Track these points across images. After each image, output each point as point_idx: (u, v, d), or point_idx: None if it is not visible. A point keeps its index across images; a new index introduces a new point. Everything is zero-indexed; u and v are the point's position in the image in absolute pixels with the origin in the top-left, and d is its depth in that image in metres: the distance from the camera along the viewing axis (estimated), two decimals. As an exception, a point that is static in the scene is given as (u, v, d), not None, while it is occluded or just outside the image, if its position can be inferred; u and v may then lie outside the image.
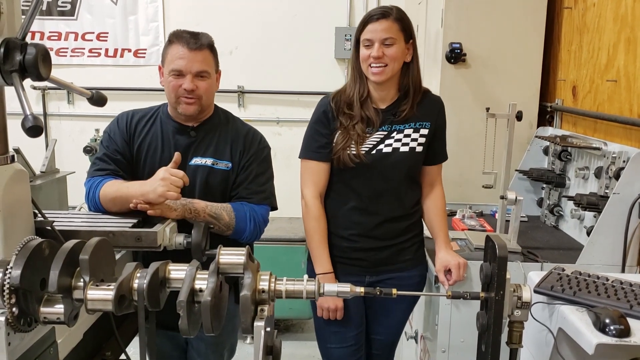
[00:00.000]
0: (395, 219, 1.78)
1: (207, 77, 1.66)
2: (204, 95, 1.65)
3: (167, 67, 1.65)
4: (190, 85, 1.61)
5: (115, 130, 1.70)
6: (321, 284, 1.09)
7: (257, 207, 1.68)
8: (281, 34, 3.92)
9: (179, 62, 1.61)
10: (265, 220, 1.71)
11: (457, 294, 1.17)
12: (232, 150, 1.70)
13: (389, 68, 1.68)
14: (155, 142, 1.69)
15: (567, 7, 2.58)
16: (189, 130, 1.70)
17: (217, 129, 1.72)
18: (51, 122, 4.07)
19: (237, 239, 1.65)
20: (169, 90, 1.65)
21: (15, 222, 1.10)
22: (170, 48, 1.65)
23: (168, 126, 1.71)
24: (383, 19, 1.67)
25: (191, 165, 1.67)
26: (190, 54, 1.61)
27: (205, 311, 0.96)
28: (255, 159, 1.72)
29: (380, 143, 1.74)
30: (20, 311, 0.95)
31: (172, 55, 1.63)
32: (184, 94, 1.62)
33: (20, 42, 0.98)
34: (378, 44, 1.67)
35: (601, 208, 1.88)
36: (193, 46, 1.62)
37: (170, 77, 1.63)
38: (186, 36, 1.64)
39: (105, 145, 1.69)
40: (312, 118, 1.81)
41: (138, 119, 1.72)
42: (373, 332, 1.93)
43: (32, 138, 0.99)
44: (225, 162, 1.69)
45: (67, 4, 3.95)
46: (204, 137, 1.70)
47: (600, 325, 1.24)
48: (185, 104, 1.64)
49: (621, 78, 2.11)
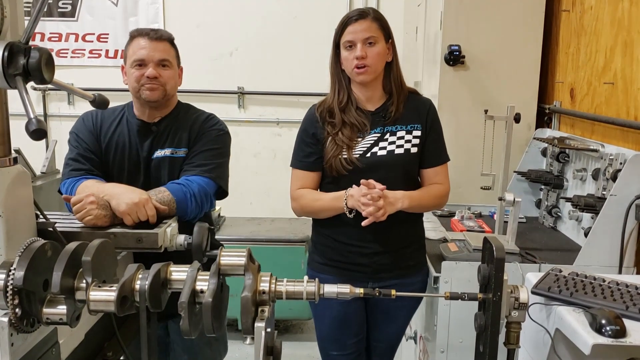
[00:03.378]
0: (395, 222, 1.75)
1: (169, 66, 1.70)
2: (167, 83, 1.69)
3: (129, 60, 1.68)
4: (152, 72, 1.65)
5: (82, 129, 1.72)
6: (321, 285, 1.10)
7: (194, 178, 1.63)
8: (281, 35, 3.93)
9: (141, 52, 1.66)
10: (206, 193, 1.63)
11: (456, 295, 1.18)
12: (190, 137, 1.72)
13: (372, 68, 1.69)
14: (122, 140, 1.72)
15: (564, 10, 2.60)
16: (151, 126, 1.73)
17: (176, 120, 1.75)
18: (52, 123, 4.07)
19: (181, 218, 1.58)
20: (132, 81, 1.68)
21: (18, 224, 1.11)
22: (132, 43, 1.69)
23: (133, 125, 1.73)
24: (361, 19, 1.68)
25: (153, 158, 1.70)
26: (151, 44, 1.66)
27: (207, 312, 0.97)
28: (204, 137, 1.72)
29: (374, 146, 1.73)
30: (23, 312, 0.96)
31: (133, 48, 1.68)
32: (147, 81, 1.66)
33: (23, 46, 0.99)
34: (360, 44, 1.67)
35: (598, 209, 1.89)
36: (154, 36, 1.68)
37: (133, 69, 1.67)
38: (146, 30, 1.70)
39: (75, 145, 1.70)
40: (300, 127, 1.82)
41: (103, 119, 1.74)
42: (374, 338, 1.92)
43: (36, 141, 1.00)
44: (183, 150, 1.71)
45: (68, 5, 3.96)
46: (164, 130, 1.73)
47: (596, 326, 1.26)
48: (148, 90, 1.66)
49: (618, 81, 2.12)
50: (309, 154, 1.77)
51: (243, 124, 4.02)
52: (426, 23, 2.98)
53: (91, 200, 1.40)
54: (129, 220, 1.43)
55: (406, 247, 1.81)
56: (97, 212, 1.40)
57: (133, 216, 1.43)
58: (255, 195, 4.08)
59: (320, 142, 1.76)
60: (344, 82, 1.77)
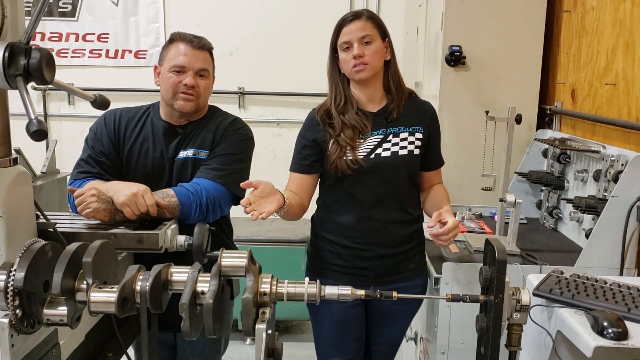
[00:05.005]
0: (397, 223, 1.76)
1: (207, 76, 1.69)
2: (202, 94, 1.68)
3: (167, 64, 1.66)
4: (191, 81, 1.64)
5: (102, 129, 1.70)
6: (322, 287, 1.09)
7: (205, 182, 1.60)
8: (281, 35, 3.93)
9: (181, 59, 1.64)
10: (214, 200, 1.59)
11: (457, 297, 1.17)
12: (214, 139, 1.70)
13: (371, 65, 1.70)
14: (146, 143, 1.70)
15: (566, 10, 2.59)
16: (177, 129, 1.72)
17: (202, 124, 1.74)
18: (52, 122, 4.07)
19: (183, 221, 1.55)
20: (168, 86, 1.65)
21: (18, 224, 1.11)
22: (172, 46, 1.67)
23: (158, 127, 1.72)
24: (356, 19, 1.70)
25: (177, 160, 1.69)
26: (193, 52, 1.65)
27: (208, 313, 0.97)
28: (226, 140, 1.70)
29: (377, 147, 1.73)
30: (23, 313, 0.96)
31: (174, 52, 1.65)
32: (184, 89, 1.64)
33: (24, 47, 0.99)
34: (357, 44, 1.68)
35: (600, 211, 1.89)
36: (197, 45, 1.66)
37: (171, 74, 1.65)
38: (189, 36, 1.67)
39: (91, 145, 1.69)
40: (300, 130, 1.83)
41: (127, 120, 1.72)
42: (374, 342, 1.91)
43: (37, 142, 1.00)
44: (205, 152, 1.69)
45: (68, 5, 3.95)
46: (190, 132, 1.72)
47: (598, 328, 1.25)
48: (183, 100, 1.65)
49: (620, 82, 2.12)
50: (305, 157, 1.78)
51: (243, 124, 4.02)
52: (427, 23, 2.97)
53: (92, 193, 1.40)
54: (129, 212, 1.42)
55: (408, 250, 1.80)
56: (96, 205, 1.39)
57: (132, 207, 1.42)
58: (255, 196, 4.07)
59: (319, 146, 1.76)
60: (342, 86, 1.77)
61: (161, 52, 1.72)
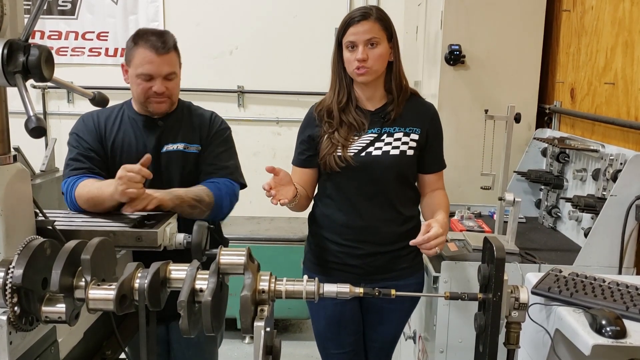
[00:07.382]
0: (387, 222, 1.75)
1: (175, 77, 1.71)
2: (173, 93, 1.71)
3: (134, 70, 1.66)
4: (161, 87, 1.66)
5: (82, 129, 1.72)
6: (321, 285, 1.09)
7: (222, 180, 1.73)
8: (281, 34, 3.93)
9: (148, 67, 1.64)
10: (236, 194, 1.77)
11: (456, 295, 1.18)
12: (200, 134, 1.77)
13: (373, 69, 1.68)
14: (128, 138, 1.72)
15: (565, 9, 2.60)
16: (157, 121, 1.74)
17: (182, 117, 1.78)
18: (51, 121, 4.07)
19: (215, 217, 1.70)
20: (138, 92, 1.68)
21: (17, 222, 1.11)
22: (137, 51, 1.65)
23: (137, 121, 1.74)
24: (364, 20, 1.67)
25: (163, 152, 1.72)
26: (158, 59, 1.63)
27: (206, 311, 0.97)
28: (217, 137, 1.78)
29: (369, 145, 1.72)
30: (22, 310, 0.96)
31: (139, 59, 1.64)
32: (154, 95, 1.67)
33: (23, 44, 0.99)
34: (362, 46, 1.66)
35: (598, 210, 1.89)
36: (161, 51, 1.63)
37: (139, 80, 1.66)
38: (152, 39, 1.64)
39: (75, 145, 1.70)
40: (300, 126, 1.84)
41: (105, 117, 1.75)
42: (369, 338, 1.91)
43: (35, 139, 1.00)
44: (195, 146, 1.75)
45: (68, 3, 3.95)
46: (172, 125, 1.75)
47: (596, 327, 1.26)
48: (156, 104, 1.69)
49: (619, 81, 2.12)
50: (302, 151, 1.81)
51: (243, 123, 4.01)
52: (426, 22, 2.97)
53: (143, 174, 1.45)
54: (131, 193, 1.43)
55: (399, 249, 1.78)
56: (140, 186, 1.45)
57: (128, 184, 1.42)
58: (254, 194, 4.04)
59: (315, 141, 1.77)
60: (345, 82, 1.76)
61: (127, 51, 1.70)
